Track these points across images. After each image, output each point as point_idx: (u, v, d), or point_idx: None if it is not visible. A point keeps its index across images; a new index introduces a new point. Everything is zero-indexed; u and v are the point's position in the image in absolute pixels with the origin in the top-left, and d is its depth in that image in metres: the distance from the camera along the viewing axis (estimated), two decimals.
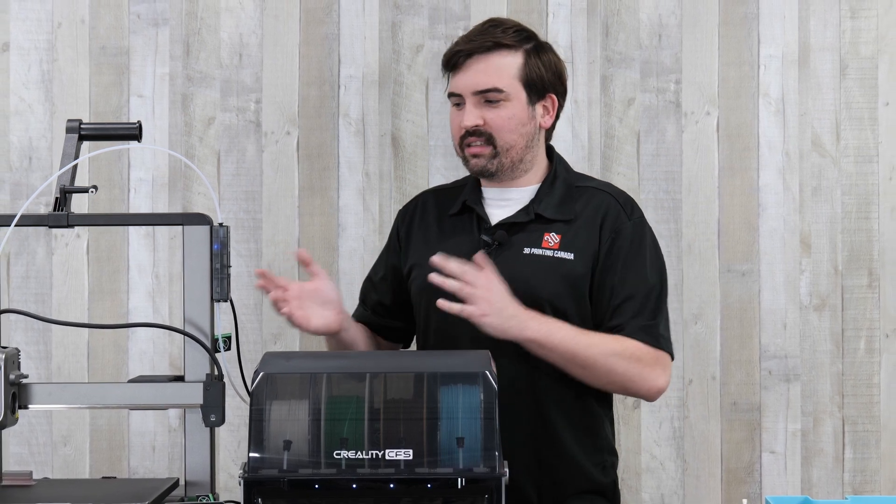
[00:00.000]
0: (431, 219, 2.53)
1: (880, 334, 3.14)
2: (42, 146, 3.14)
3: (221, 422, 2.01)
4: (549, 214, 2.42)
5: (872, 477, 3.14)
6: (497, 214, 2.45)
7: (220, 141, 3.15)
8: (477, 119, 2.39)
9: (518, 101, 2.41)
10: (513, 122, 2.40)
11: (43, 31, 3.15)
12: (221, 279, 2.04)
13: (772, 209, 3.14)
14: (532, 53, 2.44)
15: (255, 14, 3.15)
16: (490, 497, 1.81)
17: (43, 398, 2.03)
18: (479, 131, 2.40)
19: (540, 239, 2.40)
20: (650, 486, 3.14)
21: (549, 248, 2.40)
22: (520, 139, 2.42)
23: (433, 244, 2.46)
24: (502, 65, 2.41)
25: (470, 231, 2.45)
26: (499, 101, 2.39)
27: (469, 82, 2.40)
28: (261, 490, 1.81)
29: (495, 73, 2.40)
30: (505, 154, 2.41)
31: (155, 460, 3.13)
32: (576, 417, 2.43)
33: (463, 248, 2.40)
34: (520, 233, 2.42)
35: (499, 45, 2.41)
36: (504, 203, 2.46)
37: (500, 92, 2.39)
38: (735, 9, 3.15)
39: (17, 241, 3.12)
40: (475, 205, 2.46)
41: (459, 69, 2.42)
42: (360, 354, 2.41)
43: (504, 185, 2.46)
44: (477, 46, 2.41)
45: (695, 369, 3.13)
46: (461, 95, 2.41)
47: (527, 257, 2.39)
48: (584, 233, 2.42)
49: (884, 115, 3.14)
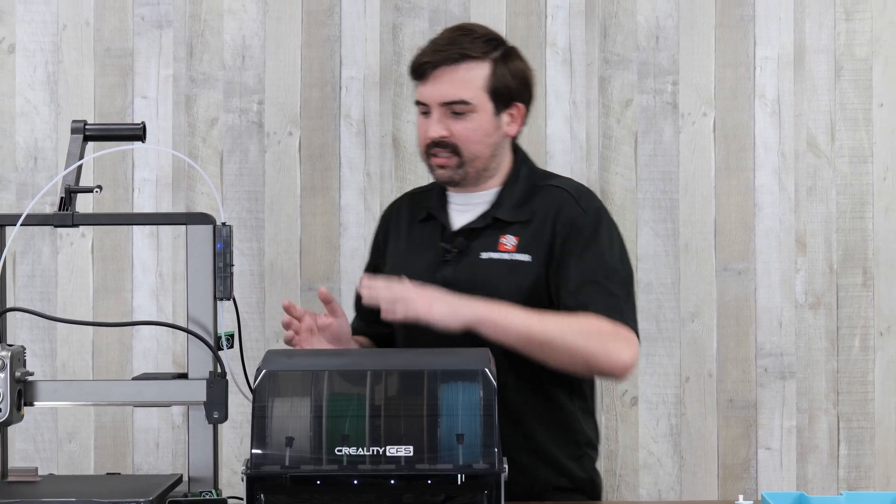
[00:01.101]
0: (404, 225, 2.51)
1: (874, 332, 3.14)
2: (47, 147, 3.14)
3: (224, 419, 2.01)
4: (505, 217, 2.38)
5: (867, 473, 3.14)
6: (461, 220, 2.41)
7: (223, 141, 3.15)
8: (443, 130, 2.35)
9: (484, 113, 2.36)
10: (478, 134, 2.36)
11: (48, 32, 3.15)
12: (224, 278, 2.03)
13: (767, 209, 3.14)
14: (499, 62, 2.39)
15: (257, 16, 3.15)
16: (490, 493, 1.81)
17: (48, 395, 2.03)
18: (445, 142, 2.35)
19: (497, 242, 2.36)
20: (647, 482, 3.14)
21: (506, 251, 2.35)
22: (485, 149, 2.38)
23: (402, 252, 2.46)
24: (469, 77, 2.36)
25: (433, 239, 2.42)
26: (465, 112, 2.35)
27: (436, 93, 2.35)
28: (263, 486, 1.81)
29: (462, 85, 2.35)
30: (470, 164, 2.37)
31: (159, 457, 3.13)
32: (545, 412, 2.37)
33: (426, 258, 2.39)
34: (478, 238, 2.38)
35: (466, 56, 2.36)
36: (468, 208, 2.42)
37: (466, 104, 2.35)
38: (731, 11, 3.15)
39: (22, 240, 3.12)
40: (438, 212, 2.43)
41: (426, 79, 2.37)
42: (362, 352, 2.41)
43: (468, 191, 2.43)
44: (444, 58, 2.35)
45: (691, 367, 3.13)
46: (428, 105, 2.38)
47: (484, 262, 2.34)
48: (539, 232, 2.36)
49: (878, 115, 3.14)
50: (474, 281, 2.31)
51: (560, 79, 3.14)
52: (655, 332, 3.13)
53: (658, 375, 3.14)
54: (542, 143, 3.14)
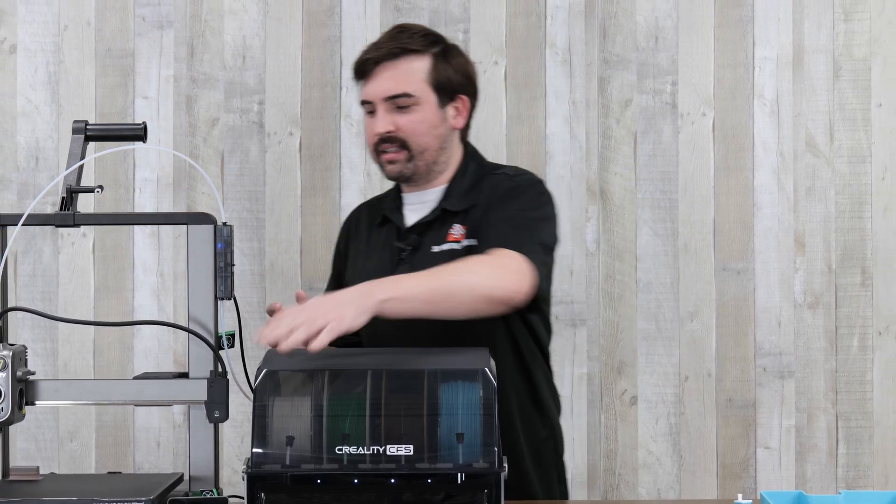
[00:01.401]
0: (363, 232, 2.52)
1: (873, 332, 3.14)
2: (48, 147, 3.14)
3: (225, 418, 2.01)
4: (452, 207, 2.39)
5: (865, 472, 3.14)
6: (413, 218, 2.42)
7: (224, 141, 3.15)
8: (389, 125, 2.36)
9: (429, 105, 2.38)
10: (424, 126, 2.38)
11: (49, 33, 3.15)
12: (225, 277, 2.03)
13: (766, 209, 3.14)
14: (440, 57, 2.41)
15: (258, 17, 3.15)
16: (489, 492, 1.81)
17: (49, 395, 2.03)
18: (393, 137, 2.37)
19: (446, 234, 2.37)
20: (647, 481, 3.14)
21: (455, 240, 2.35)
22: (433, 141, 2.39)
23: (362, 258, 2.47)
24: (411, 70, 2.37)
25: (389, 240, 2.43)
26: (409, 105, 2.36)
27: (379, 89, 2.37)
28: (264, 485, 1.81)
29: (404, 79, 2.37)
30: (419, 157, 2.38)
31: (160, 456, 3.13)
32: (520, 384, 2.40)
33: (383, 259, 2.41)
34: (429, 232, 2.39)
35: (406, 50, 2.38)
36: (420, 206, 2.43)
37: (410, 97, 2.36)
38: (730, 11, 3.15)
39: (24, 240, 3.12)
40: (392, 213, 2.44)
41: (369, 77, 2.39)
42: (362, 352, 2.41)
43: (420, 189, 2.44)
44: (385, 53, 2.37)
45: (691, 366, 3.13)
46: (373, 103, 2.39)
47: (435, 255, 2.34)
48: (480, 215, 2.36)
49: (877, 116, 3.14)
50: None
51: (560, 79, 3.15)
52: (655, 332, 3.14)
53: (657, 375, 3.14)
54: (541, 143, 3.14)
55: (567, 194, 3.13)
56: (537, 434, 2.43)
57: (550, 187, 3.11)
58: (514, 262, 2.21)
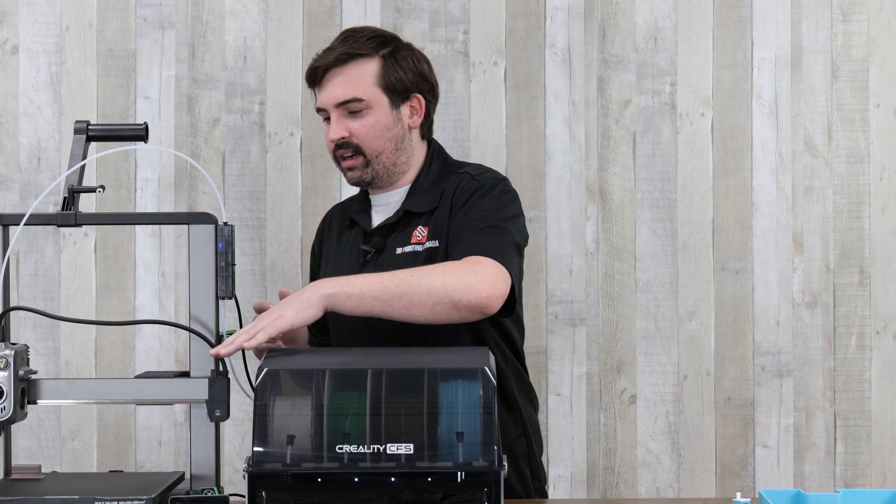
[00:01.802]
0: (334, 235, 2.52)
1: (871, 331, 3.14)
2: (50, 147, 3.14)
3: (226, 417, 2.01)
4: (415, 208, 2.39)
5: (863, 471, 3.14)
6: (378, 220, 2.43)
7: (225, 142, 3.15)
8: (343, 131, 2.36)
9: (380, 107, 2.38)
10: (377, 129, 2.37)
11: (51, 34, 3.15)
12: (226, 277, 2.03)
13: (765, 208, 3.14)
14: (389, 58, 2.40)
15: (259, 18, 3.15)
16: (489, 490, 1.81)
17: (51, 394, 2.03)
18: (347, 143, 2.37)
19: (409, 236, 2.36)
20: (646, 479, 3.14)
21: (418, 241, 2.35)
22: (387, 144, 2.38)
23: (332, 261, 2.48)
24: (358, 74, 2.37)
25: (356, 243, 2.43)
26: (360, 110, 2.36)
27: (330, 96, 2.37)
28: (265, 483, 1.82)
29: (352, 84, 2.36)
30: (376, 161, 2.38)
31: (161, 454, 3.13)
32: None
33: (350, 261, 2.41)
34: (393, 233, 2.39)
35: (353, 55, 2.37)
36: (385, 208, 2.43)
37: (360, 101, 2.36)
38: (729, 12, 3.15)
39: (26, 239, 3.12)
40: (358, 215, 2.45)
41: (321, 84, 2.39)
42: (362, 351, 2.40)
43: (385, 191, 2.44)
44: (333, 60, 2.37)
45: (689, 365, 3.13)
46: (326, 110, 2.39)
47: (399, 257, 2.34)
48: (442, 215, 2.36)
49: (875, 116, 3.14)
50: None
51: (559, 79, 3.15)
52: (653, 331, 3.14)
53: (656, 374, 3.14)
54: (541, 143, 3.14)
55: (566, 194, 3.13)
56: (508, 432, 2.42)
57: (550, 187, 3.13)
58: (487, 269, 2.18)
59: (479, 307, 2.16)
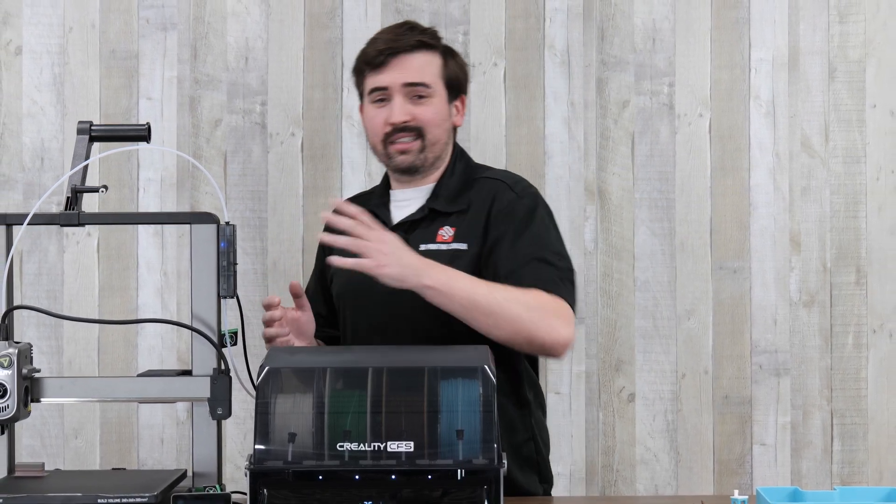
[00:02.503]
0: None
1: (868, 330, 3.14)
2: (54, 147, 3.14)
3: (228, 415, 2.01)
4: (442, 208, 2.39)
5: (860, 468, 3.14)
6: (400, 215, 2.43)
7: (227, 142, 3.15)
8: (406, 115, 2.37)
9: (441, 98, 2.40)
10: (439, 118, 2.39)
11: (55, 35, 3.15)
12: (228, 276, 2.03)
13: (762, 208, 3.14)
14: (447, 55, 2.44)
15: (260, 19, 3.15)
16: (489, 488, 1.81)
17: (55, 392, 2.03)
18: (409, 127, 2.37)
19: (435, 234, 2.37)
20: (644, 477, 3.14)
21: (444, 241, 2.36)
22: (442, 134, 2.41)
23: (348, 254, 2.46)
24: (426, 63, 2.40)
25: None
26: (426, 96, 2.38)
27: (398, 76, 2.37)
28: (266, 481, 1.81)
29: (422, 70, 2.39)
30: (431, 148, 2.39)
31: (163, 452, 3.13)
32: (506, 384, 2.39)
33: None
34: (417, 230, 2.39)
35: (422, 44, 2.40)
36: (407, 203, 2.43)
37: (427, 87, 2.38)
38: (727, 14, 3.15)
39: (29, 239, 3.12)
40: (377, 209, 2.44)
41: (384, 67, 2.38)
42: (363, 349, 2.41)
43: (409, 186, 2.44)
44: (403, 45, 2.39)
45: (688, 364, 3.13)
46: (387, 90, 2.38)
47: (423, 253, 2.31)
48: (475, 221, 2.36)
49: (871, 116, 3.14)
50: None
51: (558, 80, 3.14)
52: (652, 330, 3.14)
53: (654, 372, 3.14)
54: (540, 144, 3.14)
55: (565, 194, 3.13)
56: (518, 434, 2.43)
57: (549, 187, 3.13)
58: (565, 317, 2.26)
59: (550, 351, 2.27)
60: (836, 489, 1.98)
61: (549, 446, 2.52)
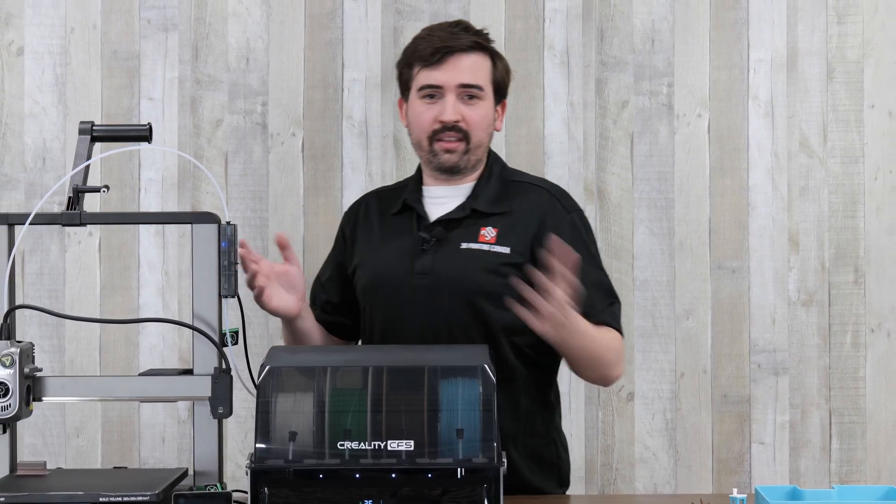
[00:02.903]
0: (374, 219, 2.50)
1: (866, 329, 3.14)
2: (55, 147, 3.14)
3: (229, 414, 2.01)
4: (484, 209, 2.39)
5: (858, 467, 3.14)
6: (436, 212, 2.42)
7: (228, 142, 3.15)
8: (457, 114, 2.37)
9: (489, 101, 2.41)
10: (486, 121, 2.40)
11: (56, 36, 3.15)
12: (229, 276, 2.03)
13: (761, 208, 3.14)
14: (496, 59, 2.44)
15: (261, 20, 3.15)
16: (488, 486, 1.81)
17: (56, 391, 2.03)
18: (457, 127, 2.37)
19: (476, 234, 2.37)
20: (643, 475, 3.14)
21: (486, 241, 2.36)
22: (486, 137, 2.42)
23: (375, 243, 2.46)
24: (480, 65, 2.40)
25: (410, 229, 2.42)
26: (476, 97, 2.39)
27: (455, 76, 2.37)
28: (267, 480, 1.82)
29: (478, 71, 2.39)
30: (474, 151, 2.40)
31: (165, 451, 3.13)
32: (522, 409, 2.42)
33: (402, 247, 2.40)
34: (457, 228, 2.39)
35: (477, 45, 2.41)
36: (443, 200, 2.43)
37: (480, 89, 2.39)
38: (725, 14, 3.15)
39: (31, 239, 3.12)
40: (415, 203, 2.44)
41: (440, 65, 2.38)
42: (363, 349, 2.41)
43: (446, 184, 2.44)
44: (459, 45, 2.38)
45: (686, 363, 3.13)
46: (441, 88, 2.38)
47: (464, 252, 2.35)
48: (520, 226, 2.38)
49: (869, 117, 3.14)
50: (452, 270, 2.32)
51: (558, 81, 3.15)
52: (651, 329, 3.13)
53: (653, 371, 3.14)
54: (540, 144, 3.14)
55: None
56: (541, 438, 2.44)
57: None
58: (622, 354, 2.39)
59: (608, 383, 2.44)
60: (834, 488, 1.98)
61: (567, 449, 2.53)
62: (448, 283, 2.31)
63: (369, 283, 2.42)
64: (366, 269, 2.43)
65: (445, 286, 2.31)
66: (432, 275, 2.32)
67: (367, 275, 2.42)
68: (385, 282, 2.38)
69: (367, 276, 2.42)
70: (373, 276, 2.41)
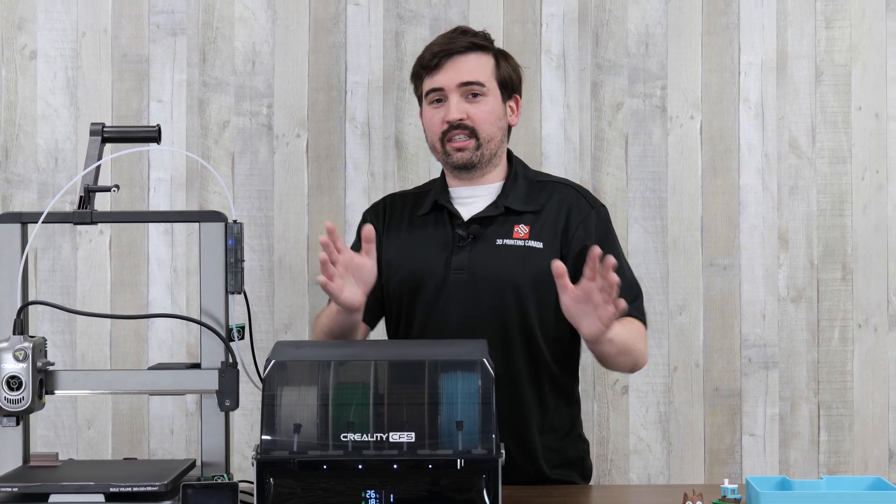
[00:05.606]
0: (401, 218, 2.51)
1: (853, 324, 3.14)
2: (67, 148, 3.14)
3: (235, 406, 2.01)
4: (517, 207, 2.43)
5: (846, 458, 3.14)
6: (465, 212, 2.45)
7: (235, 143, 3.15)
8: (461, 113, 2.40)
9: (495, 97, 2.44)
10: (493, 116, 2.43)
11: (68, 40, 3.15)
12: (235, 273, 2.03)
13: (751, 207, 3.14)
14: (500, 56, 2.49)
15: (267, 24, 3.15)
16: (487, 477, 1.81)
17: (68, 384, 2.03)
18: (463, 125, 2.41)
19: (511, 230, 2.41)
20: (637, 466, 3.14)
21: (520, 238, 2.40)
22: (497, 132, 2.44)
23: (406, 241, 2.46)
24: (480, 63, 2.44)
25: (443, 227, 2.44)
26: (480, 94, 2.42)
27: (453, 76, 2.41)
28: (272, 470, 1.82)
29: (476, 69, 2.43)
30: (486, 146, 2.42)
31: (173, 442, 3.13)
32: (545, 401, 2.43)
33: (436, 244, 2.42)
34: (491, 226, 2.42)
35: (475, 45, 2.45)
36: (472, 200, 2.46)
37: (482, 86, 2.42)
38: (717, 19, 3.15)
39: (44, 237, 3.12)
40: (447, 203, 2.46)
41: (440, 68, 2.43)
42: (365, 343, 2.41)
43: (471, 184, 2.46)
44: (456, 47, 2.44)
45: (679, 357, 3.13)
46: (443, 90, 2.42)
47: (500, 248, 2.39)
48: (550, 223, 2.42)
49: (856, 118, 3.14)
50: (490, 265, 2.35)
51: (554, 83, 3.14)
52: None
53: (647, 366, 3.13)
54: (537, 145, 3.14)
55: None
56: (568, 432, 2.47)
57: None
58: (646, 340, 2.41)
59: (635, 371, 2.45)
60: (822, 478, 1.98)
61: (589, 445, 2.54)
62: (485, 277, 2.35)
63: (405, 280, 2.43)
64: (399, 267, 2.44)
65: (482, 281, 2.35)
66: (469, 270, 2.36)
67: (403, 272, 2.43)
68: (422, 279, 2.40)
69: (403, 273, 2.43)
70: (409, 274, 2.42)
